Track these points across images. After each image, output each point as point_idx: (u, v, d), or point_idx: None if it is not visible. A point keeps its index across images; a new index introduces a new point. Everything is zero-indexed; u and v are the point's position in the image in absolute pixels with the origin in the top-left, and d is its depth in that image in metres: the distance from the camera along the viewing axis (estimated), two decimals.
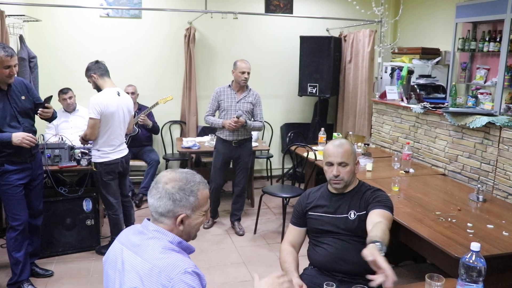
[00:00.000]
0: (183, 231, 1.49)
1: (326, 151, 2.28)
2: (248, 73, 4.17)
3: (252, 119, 4.29)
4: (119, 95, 3.56)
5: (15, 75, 2.97)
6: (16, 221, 3.10)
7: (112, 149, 3.55)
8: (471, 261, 1.53)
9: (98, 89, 3.55)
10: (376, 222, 1.92)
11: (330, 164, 2.22)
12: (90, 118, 3.42)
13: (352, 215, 2.17)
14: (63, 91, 4.65)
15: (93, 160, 3.58)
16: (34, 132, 3.16)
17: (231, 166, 4.59)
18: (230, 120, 4.09)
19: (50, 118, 3.28)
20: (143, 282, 1.35)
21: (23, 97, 3.05)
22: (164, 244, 1.43)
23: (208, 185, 1.57)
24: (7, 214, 3.16)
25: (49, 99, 3.13)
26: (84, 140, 3.56)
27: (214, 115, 4.30)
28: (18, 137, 2.92)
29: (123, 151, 3.68)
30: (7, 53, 2.82)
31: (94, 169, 3.58)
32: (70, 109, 4.69)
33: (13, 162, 3.03)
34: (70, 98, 4.64)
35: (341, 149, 2.21)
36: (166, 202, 1.45)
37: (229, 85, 4.27)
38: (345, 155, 2.20)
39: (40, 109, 3.09)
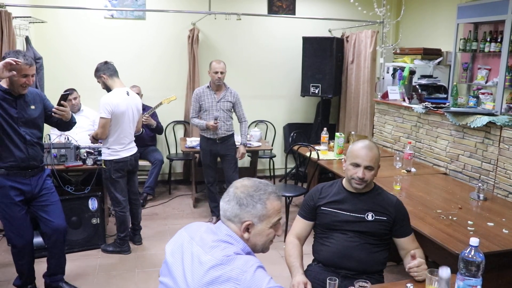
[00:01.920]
0: (248, 240, 1.47)
1: (355, 151, 2.24)
2: (222, 73, 4.26)
3: (233, 116, 4.47)
4: (128, 95, 3.64)
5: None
6: (17, 242, 2.92)
7: (122, 147, 3.64)
8: (470, 255, 1.57)
9: (108, 89, 3.62)
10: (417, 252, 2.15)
11: (357, 165, 2.20)
12: (101, 117, 3.50)
13: (370, 216, 2.19)
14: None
15: (103, 157, 3.66)
16: (41, 145, 3.00)
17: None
18: (211, 123, 4.23)
19: (68, 124, 3.09)
20: (211, 273, 1.34)
21: (32, 107, 2.90)
22: (235, 250, 1.42)
23: (282, 198, 1.54)
24: (6, 235, 2.96)
25: (65, 96, 2.97)
26: (95, 139, 3.64)
27: (198, 116, 4.44)
28: None
29: (133, 149, 3.77)
30: (27, 61, 2.71)
31: (104, 166, 3.65)
32: (75, 109, 4.73)
33: (8, 175, 2.82)
34: (75, 99, 4.69)
35: (371, 153, 2.20)
36: (234, 206, 1.46)
37: (208, 86, 4.38)
38: (373, 160, 2.20)
39: (56, 106, 2.91)
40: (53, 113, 2.92)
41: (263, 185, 1.50)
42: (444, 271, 1.54)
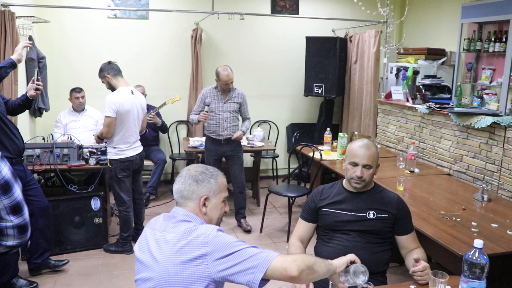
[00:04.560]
0: (206, 215, 1.62)
1: (352, 151, 2.24)
2: (231, 82, 4.21)
3: (241, 118, 4.46)
4: (133, 94, 3.65)
5: None
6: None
7: (127, 146, 3.65)
8: (474, 257, 1.55)
9: (112, 89, 3.64)
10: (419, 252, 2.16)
11: (355, 164, 2.20)
12: (106, 116, 3.51)
13: (371, 215, 2.19)
14: (76, 90, 4.72)
15: (109, 157, 3.67)
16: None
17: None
18: (202, 113, 4.19)
19: (29, 105, 3.28)
20: (179, 244, 1.48)
21: None
22: (195, 224, 1.56)
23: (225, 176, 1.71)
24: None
25: (37, 71, 3.28)
26: (100, 138, 3.64)
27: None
28: (17, 50, 2.92)
29: (138, 148, 3.78)
30: None
31: (109, 166, 3.65)
32: (80, 108, 4.76)
33: (14, 163, 2.95)
34: (82, 97, 4.72)
35: (369, 152, 2.19)
36: (191, 184, 1.62)
37: (215, 87, 4.32)
38: (371, 158, 2.19)
39: (36, 82, 3.14)
40: (36, 89, 3.14)
41: (210, 166, 1.72)
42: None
